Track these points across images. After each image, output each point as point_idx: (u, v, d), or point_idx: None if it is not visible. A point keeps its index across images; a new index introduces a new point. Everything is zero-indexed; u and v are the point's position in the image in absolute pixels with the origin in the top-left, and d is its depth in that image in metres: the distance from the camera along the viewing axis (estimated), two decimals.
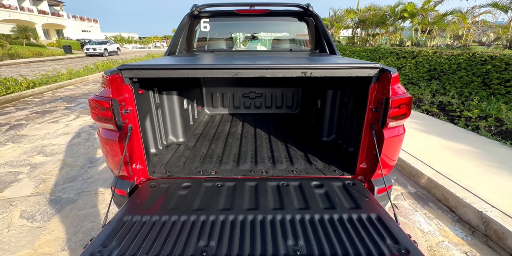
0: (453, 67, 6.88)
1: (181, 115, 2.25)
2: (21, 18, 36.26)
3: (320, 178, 1.64)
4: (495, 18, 10.52)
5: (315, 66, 1.38)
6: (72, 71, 10.75)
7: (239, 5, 2.71)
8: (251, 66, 1.36)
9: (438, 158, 3.22)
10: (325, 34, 2.67)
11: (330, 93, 2.19)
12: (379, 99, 1.43)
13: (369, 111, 1.49)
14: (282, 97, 3.27)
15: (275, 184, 1.56)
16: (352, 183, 1.57)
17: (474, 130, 4.17)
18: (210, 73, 1.38)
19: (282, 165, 1.84)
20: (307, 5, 2.65)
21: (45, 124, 4.99)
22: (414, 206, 2.61)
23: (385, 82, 1.37)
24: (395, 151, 1.52)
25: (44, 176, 3.11)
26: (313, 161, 1.88)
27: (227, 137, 2.44)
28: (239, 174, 1.71)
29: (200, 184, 1.56)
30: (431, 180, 2.81)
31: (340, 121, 2.20)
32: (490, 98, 5.35)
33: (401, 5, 12.22)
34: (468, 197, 2.45)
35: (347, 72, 1.39)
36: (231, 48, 3.45)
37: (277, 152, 2.06)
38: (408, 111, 1.43)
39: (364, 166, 1.63)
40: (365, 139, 1.56)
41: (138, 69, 1.38)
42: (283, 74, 1.38)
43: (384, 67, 1.38)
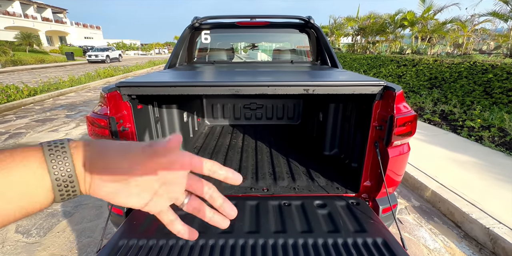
0: (454, 76, 6.87)
1: (181, 128, 2.21)
2: (25, 25, 36.73)
3: (323, 196, 1.60)
4: (495, 26, 10.61)
5: (317, 83, 1.35)
6: (73, 78, 10.79)
7: (240, 17, 2.71)
8: (252, 83, 1.33)
9: (442, 170, 3.17)
10: (326, 46, 2.65)
11: (332, 106, 2.16)
12: (383, 117, 1.39)
13: (373, 129, 1.45)
14: (283, 108, 3.24)
15: (277, 203, 1.51)
16: (356, 202, 1.52)
17: (477, 140, 4.12)
18: (211, 90, 1.35)
19: (283, 181, 1.80)
20: (308, 18, 2.65)
21: (44, 132, 4.97)
22: (418, 220, 2.55)
23: (389, 100, 1.34)
24: (400, 169, 1.47)
25: None
26: (315, 178, 1.84)
27: (227, 151, 2.40)
28: (240, 192, 1.66)
29: None
30: (436, 194, 2.75)
31: (342, 135, 2.16)
32: (492, 107, 5.31)
33: (400, 13, 12.34)
34: (474, 212, 2.39)
35: (351, 89, 1.36)
36: (232, 59, 3.44)
37: (279, 167, 2.02)
38: (413, 129, 1.40)
39: (368, 184, 1.59)
40: (369, 156, 1.52)
41: (137, 86, 1.36)
42: (284, 91, 1.35)
43: (389, 85, 1.35)
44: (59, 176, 0.29)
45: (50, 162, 0.29)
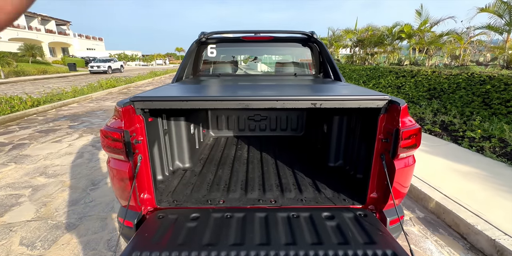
0: (452, 87, 6.98)
1: (187, 140, 2.25)
2: (28, 37, 37.36)
3: (330, 208, 1.62)
4: (490, 38, 10.84)
5: (324, 97, 1.40)
6: (76, 89, 10.91)
7: (245, 32, 2.81)
8: (262, 98, 1.38)
9: (445, 181, 3.19)
10: (329, 60, 2.73)
11: (336, 118, 2.21)
12: (388, 130, 1.44)
13: (379, 141, 1.49)
14: (287, 120, 3.29)
15: (285, 215, 1.53)
16: (364, 214, 1.54)
17: (478, 151, 4.15)
18: (222, 104, 1.40)
19: (290, 193, 1.82)
20: (311, 33, 2.74)
21: (48, 143, 4.99)
22: (424, 232, 2.55)
23: (394, 113, 1.38)
24: (406, 181, 1.50)
25: (45, 199, 3.06)
26: (321, 189, 1.86)
27: (233, 162, 2.43)
28: (248, 204, 1.68)
29: (208, 215, 1.54)
30: (440, 205, 2.75)
31: (347, 147, 2.20)
32: (491, 118, 5.37)
33: (398, 26, 12.63)
34: (479, 223, 2.39)
35: (357, 103, 1.41)
36: (236, 72, 3.53)
37: (285, 179, 2.05)
38: (418, 142, 1.44)
39: (375, 195, 1.61)
40: (375, 168, 1.55)
41: (151, 101, 1.40)
42: (293, 105, 1.40)
43: (393, 99, 1.40)
44: None
45: None
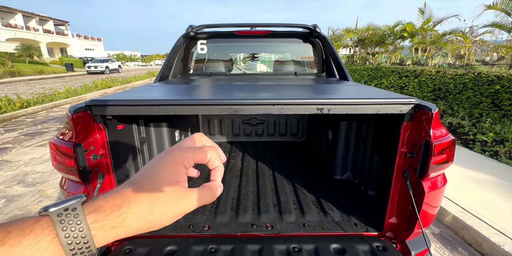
0: (458, 87, 6.69)
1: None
2: (26, 37, 37.05)
3: (340, 237, 1.31)
4: (495, 37, 10.57)
5: (333, 101, 1.09)
6: (69, 90, 10.59)
7: (240, 26, 2.50)
8: (254, 102, 1.08)
9: (460, 191, 2.89)
10: (334, 56, 2.43)
11: (343, 124, 1.90)
12: (413, 142, 1.14)
13: (401, 156, 1.19)
14: (286, 124, 2.98)
15: (284, 248, 1.22)
16: (383, 246, 1.23)
17: (492, 156, 3.86)
18: (204, 109, 1.10)
19: (290, 215, 1.51)
20: (314, 26, 2.44)
21: (32, 147, 4.69)
22: (441, 251, 2.25)
23: (423, 121, 1.08)
24: (436, 205, 1.20)
25: (19, 212, 2.76)
26: (327, 210, 1.56)
27: (224, 174, 2.12)
28: (239, 230, 1.38)
29: (188, 247, 1.23)
30: (458, 220, 2.46)
31: (356, 157, 1.89)
32: (503, 120, 5.08)
33: (400, 25, 12.35)
34: (506, 243, 2.10)
35: (374, 109, 1.11)
36: (230, 71, 3.22)
37: (284, 196, 1.74)
38: (451, 157, 1.14)
39: (394, 221, 1.31)
40: (395, 189, 1.25)
41: (113, 105, 1.09)
42: (294, 111, 1.10)
43: (422, 103, 1.10)
44: (70, 238, 0.29)
45: (61, 230, 0.28)
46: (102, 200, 0.32)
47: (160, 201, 0.33)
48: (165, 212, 0.33)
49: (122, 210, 0.31)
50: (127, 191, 0.32)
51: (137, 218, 0.32)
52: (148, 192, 0.32)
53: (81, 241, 0.29)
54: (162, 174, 0.34)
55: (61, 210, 0.29)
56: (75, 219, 0.29)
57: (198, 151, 0.38)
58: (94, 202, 0.31)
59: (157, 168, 0.35)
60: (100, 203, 0.31)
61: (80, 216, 0.29)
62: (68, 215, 0.29)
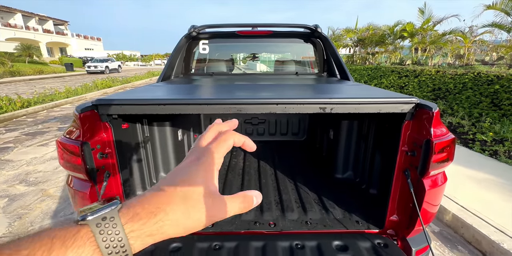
0: (458, 87, 6.71)
1: (174, 148, 1.96)
2: (26, 37, 37.01)
3: (342, 234, 1.33)
4: (494, 37, 10.60)
5: (336, 101, 1.11)
6: (70, 90, 10.60)
7: (241, 26, 2.52)
8: (258, 101, 1.10)
9: (459, 189, 2.91)
10: (335, 56, 2.44)
11: (345, 123, 1.92)
12: (414, 140, 1.16)
13: (402, 154, 1.21)
14: (287, 124, 3.00)
15: (287, 245, 1.24)
16: (384, 243, 1.25)
17: (492, 155, 3.88)
18: (208, 109, 1.12)
19: (293, 213, 1.53)
20: (315, 26, 2.46)
21: (33, 147, 4.70)
22: (441, 249, 2.27)
23: (425, 121, 1.10)
24: (436, 203, 1.22)
25: (21, 211, 2.78)
26: (329, 208, 1.58)
27: (226, 173, 2.14)
28: (242, 228, 1.40)
29: (192, 244, 1.25)
30: (457, 218, 2.48)
31: (357, 156, 1.91)
32: (502, 120, 5.11)
33: (399, 25, 12.37)
34: (505, 241, 2.12)
35: (376, 108, 1.13)
36: (232, 71, 3.23)
37: (286, 194, 1.76)
38: (452, 155, 1.16)
39: (395, 218, 1.33)
40: (396, 187, 1.27)
41: (119, 105, 1.11)
42: (297, 110, 1.12)
43: (422, 102, 1.12)
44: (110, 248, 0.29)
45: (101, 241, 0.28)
46: (138, 206, 0.31)
47: (197, 208, 0.33)
48: (200, 218, 0.33)
49: (158, 217, 0.31)
50: (162, 197, 0.32)
51: (174, 225, 0.32)
52: (184, 199, 0.32)
53: (120, 250, 0.29)
54: (196, 180, 0.34)
55: (99, 220, 0.29)
56: (114, 229, 0.29)
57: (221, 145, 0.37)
58: (130, 210, 0.31)
59: (190, 173, 0.35)
60: (137, 211, 0.31)
61: (118, 226, 0.29)
62: (107, 225, 0.29)
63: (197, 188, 0.34)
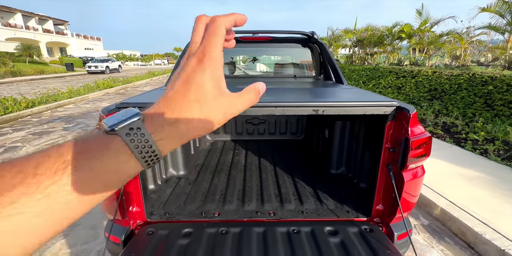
0: (454, 87, 6.88)
1: (182, 146, 2.13)
2: (26, 37, 37.10)
3: (333, 221, 1.51)
4: (491, 38, 10.78)
5: (327, 104, 1.28)
6: (72, 90, 10.75)
7: (243, 32, 2.68)
8: (260, 104, 1.27)
9: (449, 186, 3.08)
10: (330, 61, 2.62)
11: (338, 124, 2.09)
12: (396, 139, 1.33)
13: (386, 150, 1.38)
14: (286, 124, 3.17)
15: (285, 230, 1.41)
16: (370, 229, 1.43)
17: (482, 154, 4.05)
18: None
19: (290, 204, 1.71)
20: (311, 33, 2.63)
21: (41, 146, 4.86)
22: (429, 241, 2.44)
23: (403, 121, 1.27)
24: (415, 193, 1.39)
25: None
26: (323, 200, 1.75)
27: (230, 169, 2.31)
28: (245, 216, 1.57)
29: (202, 230, 1.42)
30: (445, 212, 2.65)
31: (350, 153, 2.08)
32: (494, 120, 5.28)
33: (398, 26, 12.53)
34: (488, 232, 2.29)
35: (362, 110, 1.30)
36: (233, 73, 3.40)
37: (284, 188, 1.93)
38: (428, 151, 1.33)
39: (381, 208, 1.50)
40: (381, 179, 1.44)
41: (140, 107, 1.28)
42: (293, 112, 1.29)
43: (402, 105, 1.29)
44: (143, 153, 0.31)
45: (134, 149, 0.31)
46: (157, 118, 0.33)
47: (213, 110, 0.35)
48: (217, 117, 0.36)
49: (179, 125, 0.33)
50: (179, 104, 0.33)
51: (194, 128, 0.34)
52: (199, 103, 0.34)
53: (151, 155, 0.32)
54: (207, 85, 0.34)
55: (127, 130, 0.31)
56: (142, 138, 0.31)
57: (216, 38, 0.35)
58: (154, 120, 0.32)
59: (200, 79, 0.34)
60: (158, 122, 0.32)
61: (146, 135, 0.31)
62: (135, 135, 0.31)
63: (210, 92, 0.34)
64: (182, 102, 0.33)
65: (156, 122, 0.32)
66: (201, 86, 0.34)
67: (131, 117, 0.32)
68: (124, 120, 0.31)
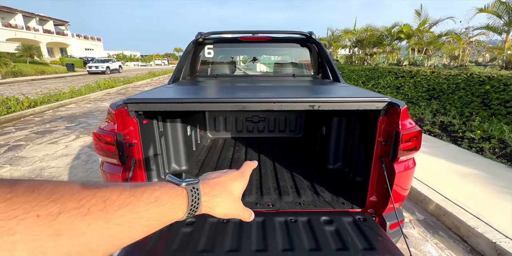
0: (452, 87, 6.95)
1: (184, 142, 2.21)
2: (26, 37, 37.21)
3: (329, 212, 1.58)
4: (489, 38, 10.85)
5: (322, 99, 1.36)
6: (74, 90, 10.84)
7: (243, 33, 2.77)
8: (259, 99, 1.35)
9: (445, 183, 3.16)
10: (328, 60, 2.69)
11: (335, 120, 2.17)
12: (388, 133, 1.40)
13: (378, 144, 1.46)
14: (286, 121, 3.25)
15: (283, 219, 1.49)
16: (363, 218, 1.50)
17: (478, 152, 4.13)
18: (218, 106, 1.36)
19: (288, 196, 1.78)
20: (309, 33, 2.71)
21: (44, 145, 4.94)
22: (424, 235, 2.52)
23: (394, 115, 1.35)
24: (406, 185, 1.47)
25: None
26: (320, 192, 1.83)
27: (230, 165, 2.39)
28: None
29: (204, 220, 1.50)
30: (440, 207, 2.72)
31: (346, 149, 2.16)
32: (491, 119, 5.36)
33: (397, 26, 12.62)
34: (480, 226, 2.37)
35: (356, 105, 1.38)
36: (234, 72, 3.48)
37: (283, 182, 2.01)
38: (418, 145, 1.40)
39: (374, 199, 1.58)
40: (375, 172, 1.52)
41: (145, 103, 1.36)
42: (290, 107, 1.37)
43: (393, 101, 1.37)
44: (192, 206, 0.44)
45: (190, 201, 0.43)
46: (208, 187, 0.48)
47: (234, 204, 0.51)
48: (232, 211, 0.51)
49: (217, 200, 0.48)
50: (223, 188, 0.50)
51: (221, 208, 0.49)
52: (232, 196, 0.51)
53: (195, 210, 0.44)
54: (239, 188, 0.53)
55: (191, 187, 0.44)
56: (197, 196, 0.44)
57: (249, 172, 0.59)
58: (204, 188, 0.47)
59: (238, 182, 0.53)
60: (207, 190, 0.47)
61: (199, 195, 0.45)
62: (194, 193, 0.44)
63: (239, 193, 0.53)
64: (222, 188, 0.50)
65: (206, 190, 0.47)
66: (234, 188, 0.52)
67: (194, 181, 0.46)
68: (190, 181, 0.45)
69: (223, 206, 0.49)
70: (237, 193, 0.52)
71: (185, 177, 0.46)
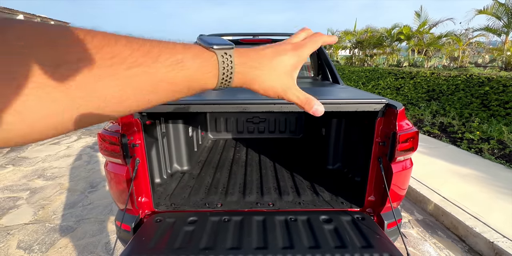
0: (451, 88, 6.98)
1: (186, 142, 2.25)
2: None
3: (328, 211, 1.62)
4: (489, 39, 10.89)
5: (321, 101, 1.39)
6: None
7: (244, 35, 2.81)
8: (259, 101, 1.38)
9: (444, 183, 3.19)
10: (327, 62, 2.73)
11: (334, 121, 2.21)
12: (385, 133, 1.44)
13: (376, 145, 1.49)
14: (286, 122, 3.29)
15: (283, 218, 1.52)
16: (362, 217, 1.54)
17: (477, 152, 4.16)
18: (219, 108, 1.40)
19: (288, 196, 1.82)
20: None
21: (46, 145, 4.98)
22: (422, 234, 2.55)
23: (392, 117, 1.39)
24: (404, 184, 1.50)
25: (43, 202, 3.05)
26: (320, 192, 1.86)
27: (231, 165, 2.42)
28: (246, 207, 1.68)
29: (206, 218, 1.53)
30: (439, 207, 2.75)
31: (345, 149, 2.20)
32: (490, 120, 5.38)
33: (397, 27, 12.66)
34: (478, 225, 2.39)
35: (354, 107, 1.41)
36: None
37: (283, 182, 2.04)
38: (415, 145, 1.44)
39: (373, 198, 1.61)
40: (373, 172, 1.55)
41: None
42: (290, 109, 1.40)
43: (390, 102, 1.41)
44: (224, 75, 0.38)
45: (221, 69, 0.37)
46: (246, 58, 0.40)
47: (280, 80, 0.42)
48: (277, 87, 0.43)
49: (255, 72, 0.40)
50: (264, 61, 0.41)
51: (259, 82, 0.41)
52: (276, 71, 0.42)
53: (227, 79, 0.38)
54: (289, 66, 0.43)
55: (223, 52, 0.37)
56: (230, 63, 0.37)
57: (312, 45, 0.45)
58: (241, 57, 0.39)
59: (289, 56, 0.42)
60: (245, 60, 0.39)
61: (232, 63, 0.38)
62: (226, 59, 0.37)
63: (287, 69, 0.42)
64: (265, 61, 0.41)
65: (242, 59, 0.39)
66: (283, 62, 0.42)
67: (228, 45, 0.38)
68: (223, 44, 0.38)
69: (262, 80, 0.41)
70: (283, 68, 0.42)
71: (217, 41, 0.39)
